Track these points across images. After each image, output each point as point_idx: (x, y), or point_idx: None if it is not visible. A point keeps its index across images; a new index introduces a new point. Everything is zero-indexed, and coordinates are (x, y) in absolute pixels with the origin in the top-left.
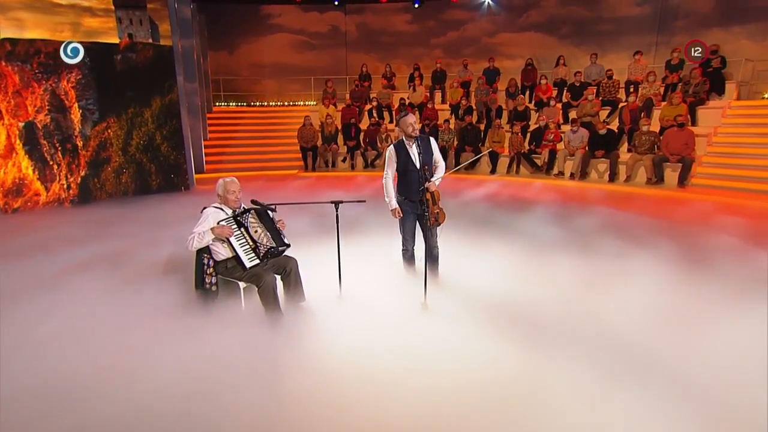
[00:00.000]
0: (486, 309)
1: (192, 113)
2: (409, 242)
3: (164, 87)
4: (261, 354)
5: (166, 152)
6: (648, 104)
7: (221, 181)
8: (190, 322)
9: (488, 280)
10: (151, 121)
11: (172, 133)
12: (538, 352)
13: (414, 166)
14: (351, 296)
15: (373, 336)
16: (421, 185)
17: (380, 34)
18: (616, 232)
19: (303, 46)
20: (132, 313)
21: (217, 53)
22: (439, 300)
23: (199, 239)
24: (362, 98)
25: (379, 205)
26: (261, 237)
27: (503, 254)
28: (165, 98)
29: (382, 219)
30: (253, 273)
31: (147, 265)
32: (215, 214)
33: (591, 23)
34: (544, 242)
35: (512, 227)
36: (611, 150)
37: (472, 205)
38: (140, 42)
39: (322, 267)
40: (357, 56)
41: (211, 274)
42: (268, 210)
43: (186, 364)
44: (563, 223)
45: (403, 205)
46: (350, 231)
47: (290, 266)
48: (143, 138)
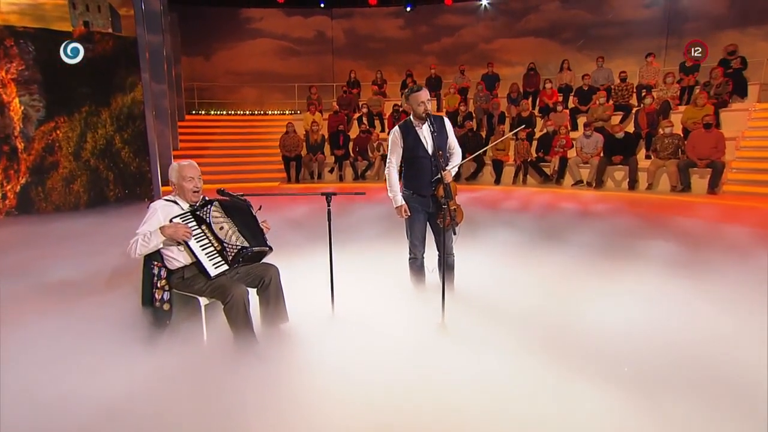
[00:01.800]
0: (520, 330)
1: (160, 118)
2: (418, 248)
3: (126, 84)
4: (227, 396)
5: (126, 159)
6: (665, 107)
7: (175, 165)
8: (131, 352)
9: (518, 295)
10: (110, 122)
11: (134, 138)
12: (588, 383)
13: (425, 151)
14: (347, 316)
15: (376, 368)
16: (433, 176)
17: (369, 40)
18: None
19: (286, 53)
20: (52, 342)
21: (192, 59)
22: (459, 320)
23: (144, 243)
24: (351, 105)
25: (379, 208)
26: (228, 235)
27: (537, 266)
28: (127, 97)
29: (384, 222)
30: (217, 285)
31: (82, 283)
32: (166, 209)
33: (595, 27)
34: (588, 254)
35: (546, 237)
36: (630, 155)
37: (487, 212)
38: (98, 32)
39: (311, 279)
40: (344, 63)
41: (162, 288)
42: (239, 202)
43: (122, 410)
44: (608, 233)
45: (411, 201)
46: (346, 237)
47: (269, 276)
48: (100, 141)
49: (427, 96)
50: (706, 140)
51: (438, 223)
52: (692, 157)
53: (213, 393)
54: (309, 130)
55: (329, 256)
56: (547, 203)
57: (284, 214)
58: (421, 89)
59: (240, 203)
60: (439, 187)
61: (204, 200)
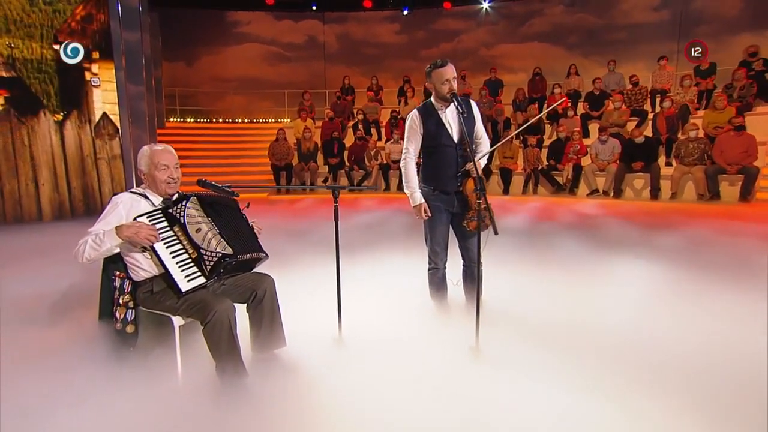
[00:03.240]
0: (565, 351)
1: (136, 122)
2: (439, 256)
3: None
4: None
5: (94, 166)
6: (684, 112)
7: (145, 149)
8: (82, 389)
9: (557, 310)
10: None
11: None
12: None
13: (449, 139)
14: (357, 340)
15: (395, 406)
16: (459, 168)
17: (364, 46)
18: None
19: (275, 58)
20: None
21: (173, 64)
22: (495, 343)
23: (94, 245)
24: (345, 113)
25: (391, 212)
26: (207, 239)
27: (586, 282)
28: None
29: (397, 227)
30: (195, 300)
31: (32, 303)
32: (131, 205)
33: (602, 31)
34: (655, 270)
35: (594, 249)
36: (651, 162)
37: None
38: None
39: (313, 295)
40: (337, 69)
41: (125, 305)
42: (223, 199)
43: None
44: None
45: (432, 199)
46: (354, 245)
47: (263, 288)
48: (60, 146)
49: (453, 73)
50: (736, 144)
51: (464, 225)
52: (720, 162)
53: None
54: (301, 138)
55: (336, 266)
56: (577, 212)
57: (281, 221)
58: (446, 64)
59: (225, 199)
60: (467, 181)
61: (180, 195)
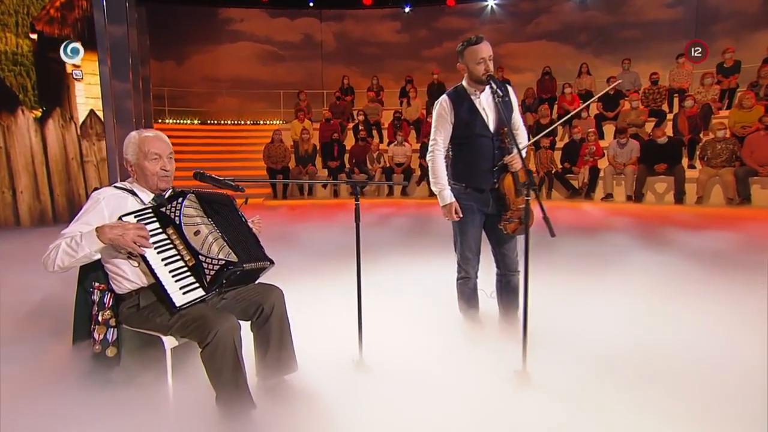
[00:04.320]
0: (630, 377)
1: (122, 121)
2: (471, 263)
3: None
4: None
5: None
6: (706, 111)
7: (133, 135)
8: (52, 425)
9: (612, 327)
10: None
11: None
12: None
13: (485, 128)
14: (381, 363)
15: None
16: (496, 162)
17: (363, 45)
18: None
19: (270, 58)
20: None
21: (162, 63)
22: (544, 365)
23: (69, 250)
24: (344, 114)
25: (405, 218)
26: (207, 244)
27: (624, 292)
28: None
29: (414, 234)
30: (192, 316)
31: None
32: (115, 202)
33: (614, 29)
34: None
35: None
36: (675, 164)
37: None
38: None
39: (329, 310)
40: (335, 69)
41: (106, 323)
42: (222, 197)
43: None
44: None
45: (464, 198)
46: (372, 253)
47: (270, 303)
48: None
49: (489, 51)
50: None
51: (501, 228)
52: (751, 164)
53: None
54: (299, 139)
55: (357, 276)
56: (605, 217)
57: (281, 226)
58: (481, 41)
59: (222, 197)
60: (505, 177)
61: (174, 191)
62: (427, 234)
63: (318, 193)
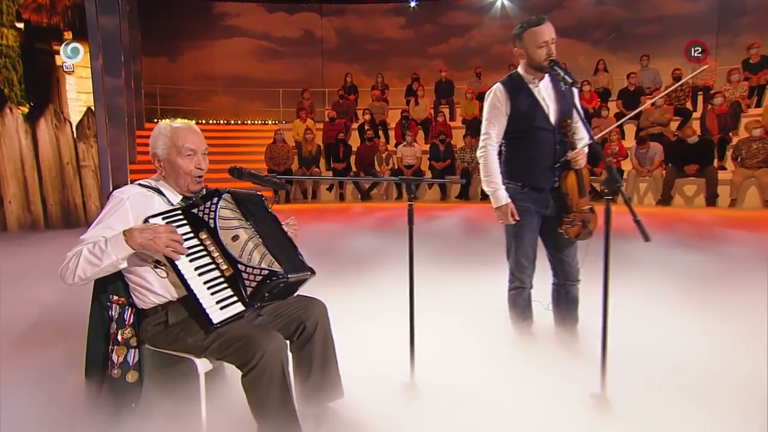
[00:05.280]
0: (712, 398)
1: (114, 121)
2: (526, 271)
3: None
4: None
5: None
6: (735, 109)
7: (164, 126)
8: None
9: (695, 346)
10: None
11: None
12: None
13: (545, 121)
14: (435, 384)
15: None
16: (557, 158)
17: (366, 41)
18: None
19: (267, 54)
20: None
21: (153, 60)
22: (625, 389)
23: (92, 258)
24: (348, 113)
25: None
26: (248, 251)
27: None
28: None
29: (457, 241)
30: (234, 335)
31: None
32: (140, 202)
33: (631, 25)
34: None
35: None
36: (707, 164)
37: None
38: None
39: (374, 330)
40: (336, 67)
41: (126, 343)
42: (257, 198)
43: None
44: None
45: (520, 199)
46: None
47: (313, 320)
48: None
49: (552, 34)
50: None
51: (561, 232)
52: None
53: None
54: (302, 140)
55: (409, 287)
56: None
57: (311, 230)
58: (543, 21)
59: (254, 196)
60: (568, 175)
61: (207, 191)
62: (462, 240)
63: (323, 196)
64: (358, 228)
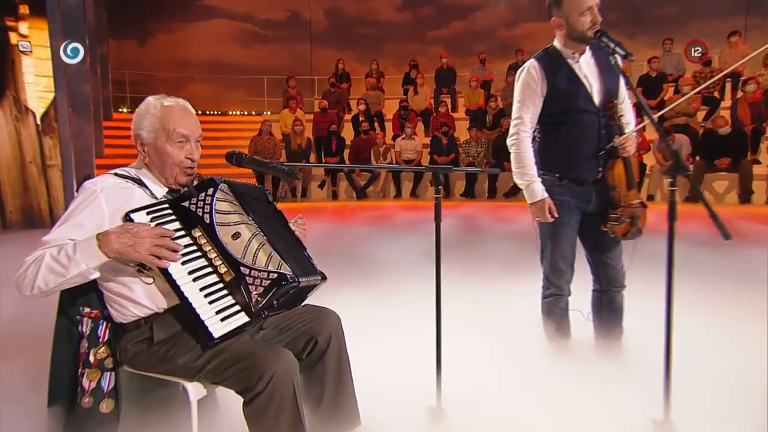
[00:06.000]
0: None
1: (78, 109)
2: (565, 276)
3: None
4: None
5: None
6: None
7: (152, 103)
8: None
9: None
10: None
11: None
12: None
13: (588, 102)
14: (465, 411)
15: None
16: (602, 145)
17: (359, 24)
18: None
19: (250, 38)
20: None
21: (121, 43)
22: (689, 413)
23: (56, 266)
24: (340, 103)
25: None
26: (252, 252)
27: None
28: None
29: (472, 244)
30: (235, 354)
31: None
32: (117, 195)
33: (648, 6)
34: None
35: None
36: (741, 158)
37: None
38: None
39: (393, 346)
40: (326, 53)
41: (98, 365)
42: (257, 190)
43: None
44: None
45: (558, 193)
46: (427, 273)
47: (326, 334)
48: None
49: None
50: None
51: (606, 230)
52: None
53: None
54: (290, 132)
55: (436, 296)
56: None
57: (311, 229)
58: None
59: (254, 188)
60: (615, 164)
61: (200, 181)
62: (478, 242)
63: (313, 194)
64: (364, 228)
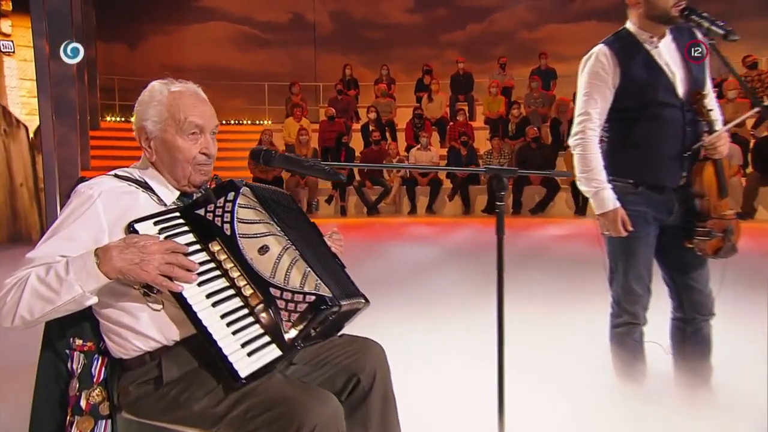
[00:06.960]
0: None
1: (63, 117)
2: (640, 301)
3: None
4: None
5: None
6: None
7: (158, 87)
8: None
9: None
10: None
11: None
12: None
13: (671, 94)
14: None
15: None
16: (687, 145)
17: (366, 27)
18: None
19: (249, 42)
20: None
21: (110, 46)
22: None
23: (44, 290)
24: (348, 112)
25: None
26: (284, 268)
27: None
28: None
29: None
30: (268, 398)
31: None
32: (118, 202)
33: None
34: None
35: None
36: None
37: None
38: None
39: (449, 382)
40: (331, 58)
41: (91, 411)
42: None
43: None
44: None
45: (632, 202)
46: (466, 298)
47: (370, 371)
48: None
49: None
50: None
51: (692, 246)
52: None
53: None
54: (295, 142)
55: (497, 324)
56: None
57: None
58: None
59: (283, 196)
60: (703, 168)
61: (217, 183)
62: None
63: (321, 210)
64: (398, 244)
